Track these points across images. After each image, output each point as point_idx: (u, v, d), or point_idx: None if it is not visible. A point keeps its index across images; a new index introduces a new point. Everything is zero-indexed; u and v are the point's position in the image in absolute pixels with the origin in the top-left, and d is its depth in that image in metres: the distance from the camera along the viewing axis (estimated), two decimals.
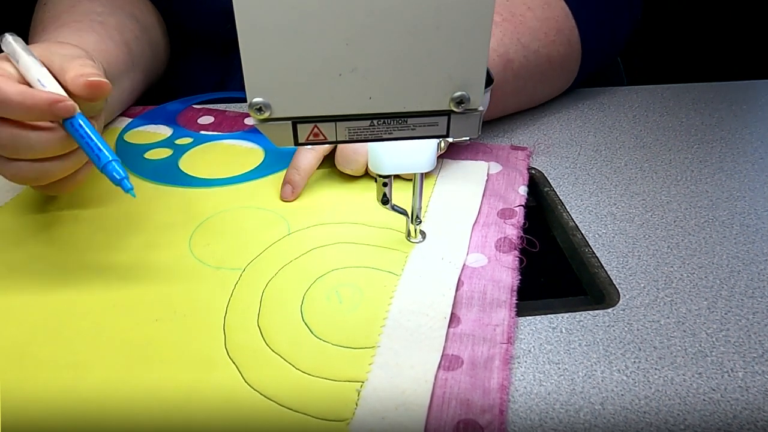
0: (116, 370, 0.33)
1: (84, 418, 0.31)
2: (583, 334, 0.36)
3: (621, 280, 0.40)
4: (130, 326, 0.36)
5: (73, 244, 0.42)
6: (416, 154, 0.37)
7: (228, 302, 0.37)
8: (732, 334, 0.36)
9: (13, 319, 0.36)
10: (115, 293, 0.38)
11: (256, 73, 0.30)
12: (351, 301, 0.37)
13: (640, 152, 0.56)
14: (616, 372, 0.34)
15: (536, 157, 0.55)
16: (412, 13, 0.29)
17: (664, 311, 0.38)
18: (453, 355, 0.34)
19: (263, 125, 0.32)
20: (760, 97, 0.67)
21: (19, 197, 0.47)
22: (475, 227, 0.44)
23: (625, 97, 0.66)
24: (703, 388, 0.33)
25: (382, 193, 0.39)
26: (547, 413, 0.31)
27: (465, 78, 0.31)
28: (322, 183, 0.49)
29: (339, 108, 0.31)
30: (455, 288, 0.38)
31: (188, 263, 0.41)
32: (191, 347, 0.34)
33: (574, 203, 0.48)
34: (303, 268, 0.40)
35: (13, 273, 0.40)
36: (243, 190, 0.49)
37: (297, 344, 0.34)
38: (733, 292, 0.39)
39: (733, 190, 0.50)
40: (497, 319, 0.36)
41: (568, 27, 0.58)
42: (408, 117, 0.32)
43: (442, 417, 0.30)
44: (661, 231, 0.45)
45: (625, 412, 0.31)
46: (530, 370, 0.34)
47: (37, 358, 0.34)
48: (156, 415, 0.31)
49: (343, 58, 0.30)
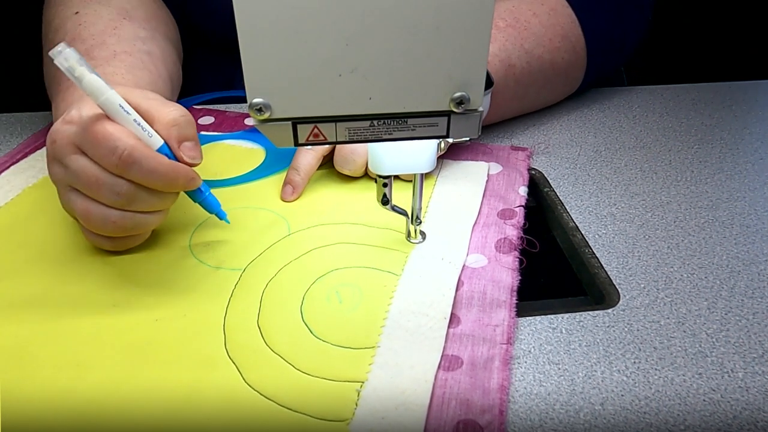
0: (116, 369, 0.33)
1: (84, 418, 0.31)
2: (583, 335, 0.36)
3: (621, 280, 0.40)
4: (130, 326, 0.36)
5: (73, 244, 0.42)
6: (416, 155, 0.37)
7: (228, 302, 0.37)
8: (732, 335, 0.36)
9: (13, 319, 0.36)
10: (115, 293, 0.38)
11: (256, 73, 0.30)
12: (351, 301, 0.37)
13: (640, 153, 0.56)
14: (616, 372, 0.34)
15: (536, 157, 0.55)
16: (412, 14, 0.29)
17: (664, 312, 0.38)
18: (453, 355, 0.34)
19: (263, 126, 0.32)
20: (760, 97, 0.67)
21: (19, 197, 0.47)
22: (475, 228, 0.44)
23: (625, 98, 0.66)
24: (703, 388, 0.33)
25: (383, 193, 0.39)
26: (547, 414, 0.31)
27: (465, 78, 0.31)
28: (322, 183, 0.49)
29: (339, 108, 0.31)
30: (455, 288, 0.38)
31: (188, 263, 0.41)
32: (191, 347, 0.34)
33: (574, 204, 0.48)
34: (303, 269, 0.40)
35: (13, 273, 0.40)
36: (243, 191, 0.49)
37: (297, 344, 0.34)
38: (733, 293, 0.39)
39: (733, 190, 0.50)
40: (497, 320, 0.36)
41: (575, 34, 0.58)
42: (408, 117, 0.32)
43: (441, 417, 0.30)
44: (661, 231, 0.45)
45: (625, 412, 0.31)
46: (530, 371, 0.34)
47: (37, 357, 0.34)
48: (156, 415, 0.31)
49: (343, 58, 0.30)
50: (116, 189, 0.36)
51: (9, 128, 0.59)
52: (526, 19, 0.56)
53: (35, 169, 0.51)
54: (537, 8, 0.57)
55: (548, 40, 0.56)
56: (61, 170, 0.38)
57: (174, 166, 0.37)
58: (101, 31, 0.51)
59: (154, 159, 0.36)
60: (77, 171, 0.36)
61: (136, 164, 0.36)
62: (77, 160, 0.37)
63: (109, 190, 0.36)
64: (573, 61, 0.59)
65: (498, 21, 0.55)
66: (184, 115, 0.39)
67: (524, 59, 0.54)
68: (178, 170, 0.37)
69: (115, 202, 0.37)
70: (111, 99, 0.36)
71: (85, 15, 0.53)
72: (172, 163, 0.37)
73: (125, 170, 0.36)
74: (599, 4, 0.59)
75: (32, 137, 0.56)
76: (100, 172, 0.36)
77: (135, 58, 0.50)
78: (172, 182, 0.37)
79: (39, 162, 0.52)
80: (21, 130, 0.58)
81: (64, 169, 0.37)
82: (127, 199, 0.37)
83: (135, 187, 0.37)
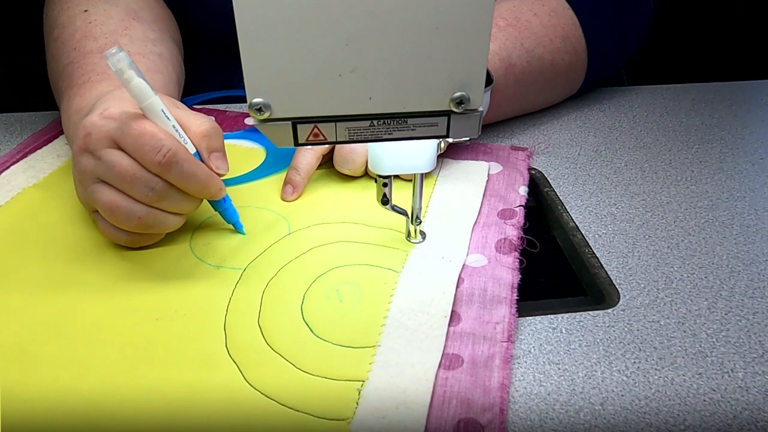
0: (116, 369, 0.33)
1: (84, 418, 0.31)
2: (583, 335, 0.36)
3: (621, 280, 0.40)
4: (131, 325, 0.36)
5: (73, 244, 0.42)
6: (416, 155, 0.37)
7: (229, 301, 0.37)
8: (732, 335, 0.36)
9: (14, 319, 0.36)
10: (116, 292, 0.38)
11: (256, 73, 0.30)
12: (351, 299, 0.37)
13: (640, 153, 0.56)
14: (616, 372, 0.34)
15: (536, 157, 0.55)
16: (411, 14, 0.29)
17: (664, 311, 0.38)
18: (453, 354, 0.34)
19: (263, 125, 0.32)
20: (760, 97, 0.67)
21: (19, 197, 0.47)
22: (476, 228, 0.44)
23: (625, 98, 0.66)
24: (703, 388, 0.33)
25: (382, 193, 0.39)
26: (547, 413, 0.31)
27: (465, 78, 0.31)
28: (322, 183, 0.49)
29: (339, 108, 0.31)
30: (455, 285, 0.38)
31: (189, 262, 0.41)
32: (192, 346, 0.34)
33: (574, 203, 0.48)
34: (303, 268, 0.40)
35: (13, 273, 0.40)
36: (244, 190, 0.49)
37: (297, 344, 0.34)
38: (733, 293, 0.39)
39: (733, 190, 0.50)
40: (498, 317, 0.36)
41: (575, 35, 0.58)
42: (408, 117, 0.32)
43: (442, 416, 0.30)
44: (661, 231, 0.45)
45: (625, 412, 0.31)
46: (530, 371, 0.34)
47: (37, 357, 0.34)
48: (156, 415, 0.31)
49: (343, 58, 0.30)
50: (151, 185, 0.38)
51: (9, 128, 0.59)
52: (527, 19, 0.56)
53: (35, 169, 0.51)
54: (538, 8, 0.57)
55: (549, 41, 0.56)
56: (91, 162, 0.38)
57: (211, 173, 0.39)
58: (113, 30, 0.52)
59: (195, 164, 0.38)
60: (112, 163, 0.37)
61: (178, 165, 0.37)
62: (112, 153, 0.38)
63: (144, 185, 0.37)
64: (574, 62, 0.59)
65: (498, 20, 0.55)
66: (215, 128, 0.41)
67: (524, 58, 0.54)
68: (214, 178, 0.40)
69: (145, 198, 0.38)
70: (155, 104, 0.37)
71: (95, 13, 0.53)
72: (209, 171, 0.39)
73: (166, 169, 0.37)
74: (600, 6, 0.59)
75: (32, 137, 0.56)
76: (138, 168, 0.37)
77: (149, 60, 0.51)
78: (206, 188, 0.39)
79: (39, 162, 0.52)
80: (21, 130, 0.58)
81: (96, 160, 0.38)
82: (159, 196, 0.38)
83: (168, 187, 0.38)
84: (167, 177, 0.38)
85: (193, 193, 0.39)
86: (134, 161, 0.37)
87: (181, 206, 0.40)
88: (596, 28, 0.59)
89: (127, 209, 0.38)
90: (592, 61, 0.60)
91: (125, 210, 0.38)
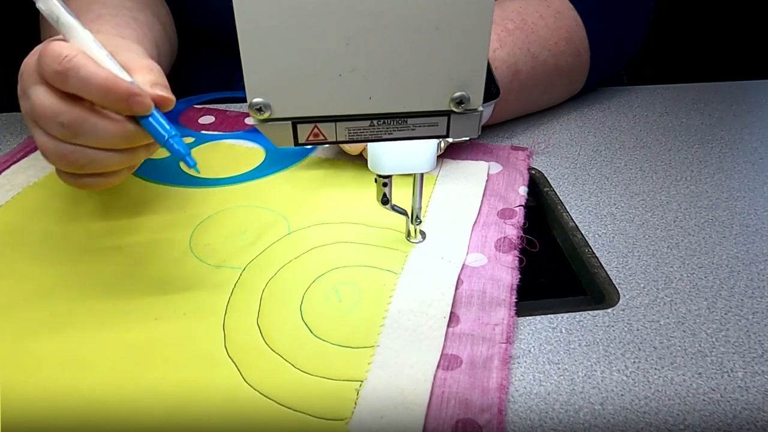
0: (116, 369, 0.33)
1: (84, 418, 0.31)
2: (582, 334, 0.36)
3: (621, 280, 0.40)
4: (130, 325, 0.36)
5: (73, 244, 0.42)
6: (416, 155, 0.37)
7: (228, 301, 0.37)
8: (732, 334, 0.36)
9: (14, 319, 0.36)
10: (115, 292, 0.38)
11: (256, 73, 0.30)
12: (350, 300, 0.37)
13: (640, 152, 0.56)
14: (616, 372, 0.34)
15: (536, 157, 0.55)
16: (411, 14, 0.29)
17: (664, 311, 0.38)
18: (452, 354, 0.34)
19: (263, 125, 0.32)
20: (760, 97, 0.67)
21: (19, 197, 0.47)
22: (475, 227, 0.44)
23: (625, 97, 0.66)
24: (702, 388, 0.33)
25: (382, 193, 0.39)
26: (546, 413, 0.31)
27: (465, 78, 0.31)
28: (322, 183, 0.49)
29: (339, 108, 0.31)
30: (455, 287, 0.38)
31: (188, 262, 0.41)
32: (191, 346, 0.34)
33: (574, 203, 0.48)
34: (303, 268, 0.40)
35: (13, 273, 0.40)
36: (243, 190, 0.49)
37: (296, 344, 0.34)
38: (733, 292, 0.39)
39: (733, 190, 0.50)
40: (497, 319, 0.36)
41: (579, 37, 0.58)
42: (408, 117, 0.32)
43: (441, 416, 0.30)
44: (661, 231, 0.45)
45: (625, 412, 0.31)
46: (530, 370, 0.34)
47: (37, 357, 0.34)
48: (156, 414, 0.31)
49: (343, 58, 0.30)
50: (60, 119, 0.35)
51: (9, 128, 0.59)
52: (533, 21, 0.55)
53: (35, 168, 0.51)
54: (543, 10, 0.57)
55: (554, 44, 0.56)
56: (27, 104, 0.37)
57: (112, 77, 0.34)
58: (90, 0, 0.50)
59: (95, 67, 0.34)
60: (34, 102, 0.36)
61: (74, 70, 0.34)
62: (36, 90, 0.36)
63: (53, 120, 0.35)
64: (576, 64, 0.59)
65: (507, 23, 0.54)
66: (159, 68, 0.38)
67: (530, 64, 0.54)
68: (118, 83, 0.34)
69: (62, 134, 0.36)
70: (84, 36, 0.35)
71: None
72: (110, 75, 0.34)
73: (64, 77, 0.34)
74: (602, 6, 0.59)
75: None
76: (49, 101, 0.35)
77: (120, 19, 0.49)
78: (109, 93, 0.34)
79: (39, 161, 0.52)
80: (21, 130, 0.58)
81: (27, 101, 0.37)
82: (72, 131, 0.35)
83: (79, 118, 0.35)
84: (67, 87, 0.34)
85: (97, 101, 0.35)
86: (49, 93, 0.35)
87: (101, 138, 0.35)
88: (599, 29, 0.59)
89: (55, 149, 0.36)
90: (594, 62, 0.60)
91: (54, 150, 0.36)
